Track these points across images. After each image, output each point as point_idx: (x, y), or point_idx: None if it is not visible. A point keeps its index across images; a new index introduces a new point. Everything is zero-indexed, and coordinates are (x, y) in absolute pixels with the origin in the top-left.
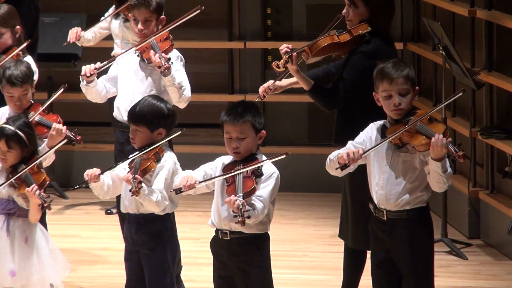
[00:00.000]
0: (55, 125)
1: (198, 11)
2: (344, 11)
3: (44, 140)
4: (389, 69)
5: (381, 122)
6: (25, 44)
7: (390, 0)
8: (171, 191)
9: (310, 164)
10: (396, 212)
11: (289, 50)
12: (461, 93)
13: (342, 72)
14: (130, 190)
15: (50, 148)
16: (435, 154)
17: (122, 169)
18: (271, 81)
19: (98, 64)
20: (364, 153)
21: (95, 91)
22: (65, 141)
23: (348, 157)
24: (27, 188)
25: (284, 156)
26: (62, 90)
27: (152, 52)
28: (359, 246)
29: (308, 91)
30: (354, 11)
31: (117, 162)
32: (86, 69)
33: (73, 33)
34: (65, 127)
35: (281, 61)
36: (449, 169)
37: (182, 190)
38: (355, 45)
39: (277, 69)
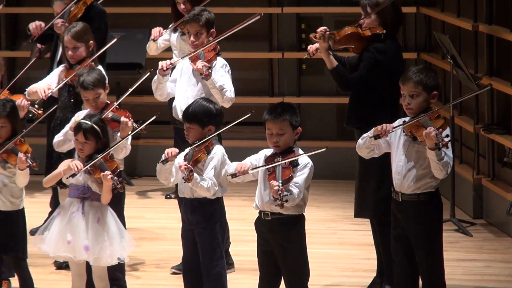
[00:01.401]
0: (123, 118)
1: (258, 17)
2: (361, 20)
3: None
4: (409, 73)
5: (406, 118)
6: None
7: (398, 12)
8: (227, 176)
9: (338, 156)
10: (409, 195)
11: (323, 31)
12: (477, 92)
13: (358, 63)
14: (182, 178)
15: (122, 139)
16: (428, 143)
17: (181, 160)
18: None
19: (173, 60)
20: (393, 129)
21: (164, 86)
22: (132, 132)
23: (382, 128)
24: (102, 173)
25: (324, 150)
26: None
27: (198, 61)
28: (364, 216)
29: (331, 69)
30: (369, 20)
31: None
32: (163, 63)
33: (156, 31)
34: (131, 120)
35: (318, 34)
36: (446, 158)
37: (236, 175)
38: (371, 43)
39: (314, 39)
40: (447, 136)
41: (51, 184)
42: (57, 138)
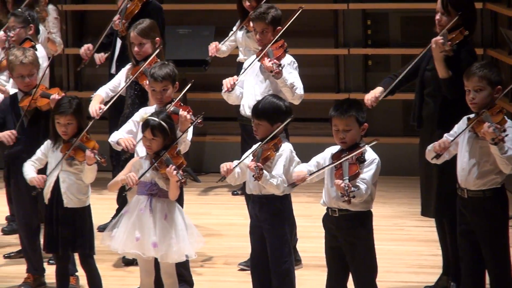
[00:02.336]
0: (181, 112)
1: (300, 11)
2: (437, 17)
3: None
4: (473, 68)
5: (471, 115)
6: (157, 51)
7: (474, 9)
8: (287, 186)
9: (404, 151)
10: (474, 191)
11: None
12: None
13: (458, 68)
14: (253, 176)
15: (182, 133)
16: (486, 138)
17: (249, 157)
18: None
19: (235, 78)
20: (451, 141)
21: (235, 96)
22: (191, 125)
23: (439, 146)
24: (167, 168)
25: (375, 142)
26: (189, 84)
27: (266, 58)
28: (442, 216)
29: (444, 78)
30: (447, 18)
31: (243, 152)
32: (227, 83)
33: (213, 48)
34: (190, 113)
35: (446, 45)
36: (510, 152)
37: (296, 184)
38: (460, 48)
39: (445, 52)
40: (504, 131)
41: (114, 189)
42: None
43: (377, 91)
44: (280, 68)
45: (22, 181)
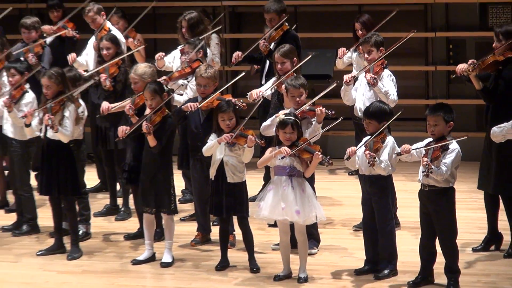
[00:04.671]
0: (317, 108)
1: (412, 34)
2: (494, 44)
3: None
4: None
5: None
6: (295, 68)
7: None
8: (395, 154)
9: (477, 143)
10: None
11: (472, 63)
12: None
13: (496, 80)
14: (368, 162)
15: (319, 123)
16: None
17: (362, 147)
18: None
19: (354, 73)
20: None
21: (349, 94)
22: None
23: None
24: (316, 153)
25: (465, 138)
26: (320, 95)
27: (367, 73)
28: (499, 192)
29: (479, 89)
30: (500, 44)
31: (356, 143)
32: (346, 77)
33: (341, 51)
34: (324, 108)
35: (470, 67)
36: None
37: (400, 153)
38: (503, 64)
39: (468, 72)
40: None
41: (264, 165)
42: (265, 124)
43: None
44: (375, 81)
45: (197, 163)
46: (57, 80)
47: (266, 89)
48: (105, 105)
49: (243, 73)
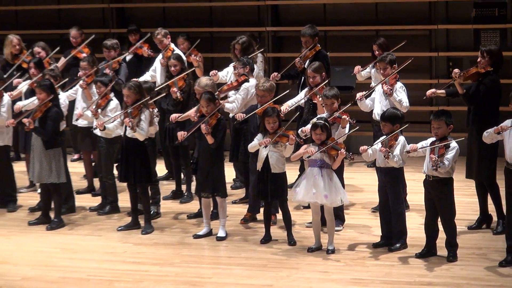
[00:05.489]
0: (343, 116)
1: (410, 61)
2: (478, 59)
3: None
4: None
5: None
6: (324, 82)
7: (501, 56)
8: (404, 151)
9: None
10: None
11: (458, 71)
12: None
13: (477, 88)
14: (384, 156)
15: (343, 128)
16: None
17: (379, 144)
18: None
19: (362, 94)
20: (509, 127)
21: (363, 105)
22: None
23: (501, 128)
24: (341, 150)
25: (463, 138)
26: (349, 105)
27: (384, 85)
28: (480, 179)
29: (462, 93)
30: (484, 60)
31: (374, 141)
32: (359, 95)
33: (357, 68)
34: (347, 115)
35: (456, 74)
36: None
37: (409, 151)
38: (484, 76)
39: (454, 76)
40: None
41: (296, 159)
42: (301, 128)
43: (438, 91)
44: (391, 91)
45: (254, 157)
46: (135, 90)
47: (295, 102)
48: (173, 116)
49: (288, 91)
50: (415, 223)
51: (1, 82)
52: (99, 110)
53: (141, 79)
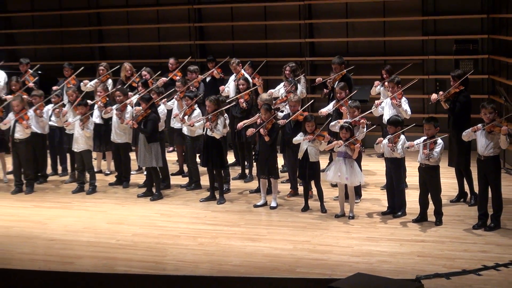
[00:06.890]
0: (362, 120)
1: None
2: (451, 83)
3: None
4: (484, 103)
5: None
6: (349, 96)
7: (467, 77)
8: (405, 146)
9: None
10: (486, 156)
11: (442, 93)
12: None
13: (456, 106)
14: (390, 149)
15: (363, 128)
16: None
17: (386, 140)
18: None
19: (380, 100)
20: (479, 129)
21: (377, 112)
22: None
23: (476, 128)
24: (357, 144)
25: (446, 135)
26: (366, 113)
27: (393, 100)
28: (458, 165)
29: (446, 108)
30: (456, 83)
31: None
32: (376, 103)
33: (373, 91)
34: (365, 119)
35: (441, 97)
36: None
37: (408, 147)
38: (459, 93)
39: (441, 98)
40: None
41: (328, 149)
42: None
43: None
44: (400, 103)
45: (289, 150)
46: (214, 102)
47: (329, 109)
48: (240, 124)
49: (312, 100)
50: (412, 198)
51: (126, 97)
52: (186, 117)
53: (224, 93)
